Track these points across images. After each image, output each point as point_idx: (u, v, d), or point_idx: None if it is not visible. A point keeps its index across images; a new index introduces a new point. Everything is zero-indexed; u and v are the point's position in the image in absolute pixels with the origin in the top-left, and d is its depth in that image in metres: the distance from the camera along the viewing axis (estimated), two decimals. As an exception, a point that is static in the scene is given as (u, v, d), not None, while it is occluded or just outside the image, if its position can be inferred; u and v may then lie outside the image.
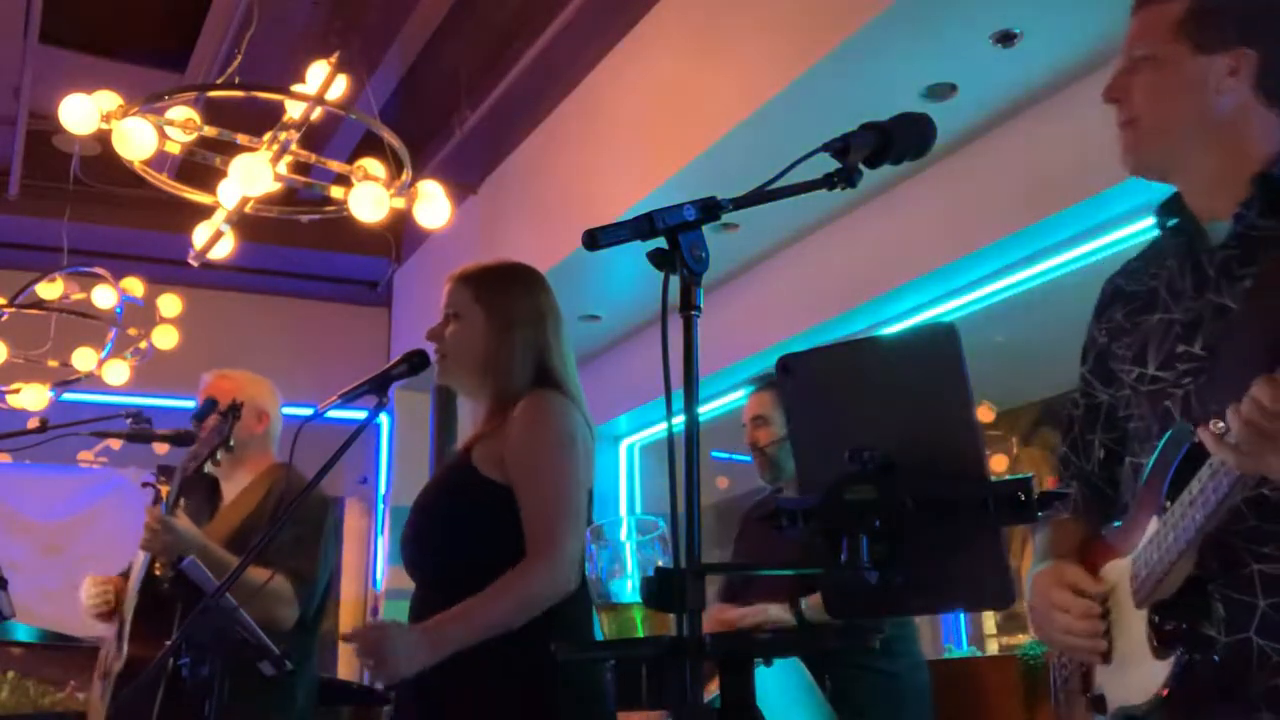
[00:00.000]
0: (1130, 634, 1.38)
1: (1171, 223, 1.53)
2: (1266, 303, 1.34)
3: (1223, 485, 1.23)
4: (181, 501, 2.71)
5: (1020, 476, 1.07)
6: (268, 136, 3.54)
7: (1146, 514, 1.38)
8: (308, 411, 2.09)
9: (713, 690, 1.15)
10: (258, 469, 3.02)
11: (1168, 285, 1.51)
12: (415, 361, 2.12)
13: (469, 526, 2.07)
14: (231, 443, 2.61)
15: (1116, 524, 1.47)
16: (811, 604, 2.92)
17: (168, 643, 2.27)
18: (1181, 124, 1.46)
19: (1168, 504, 1.33)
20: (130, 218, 6.16)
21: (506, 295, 2.20)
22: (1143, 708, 1.35)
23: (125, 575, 3.02)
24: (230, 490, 3.02)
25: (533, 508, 2.01)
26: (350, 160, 3.79)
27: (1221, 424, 1.19)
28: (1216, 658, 1.30)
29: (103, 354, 5.09)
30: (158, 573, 2.67)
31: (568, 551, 1.95)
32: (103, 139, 3.35)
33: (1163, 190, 1.57)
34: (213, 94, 3.93)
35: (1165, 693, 1.31)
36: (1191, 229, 1.49)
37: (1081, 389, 1.66)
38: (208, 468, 2.77)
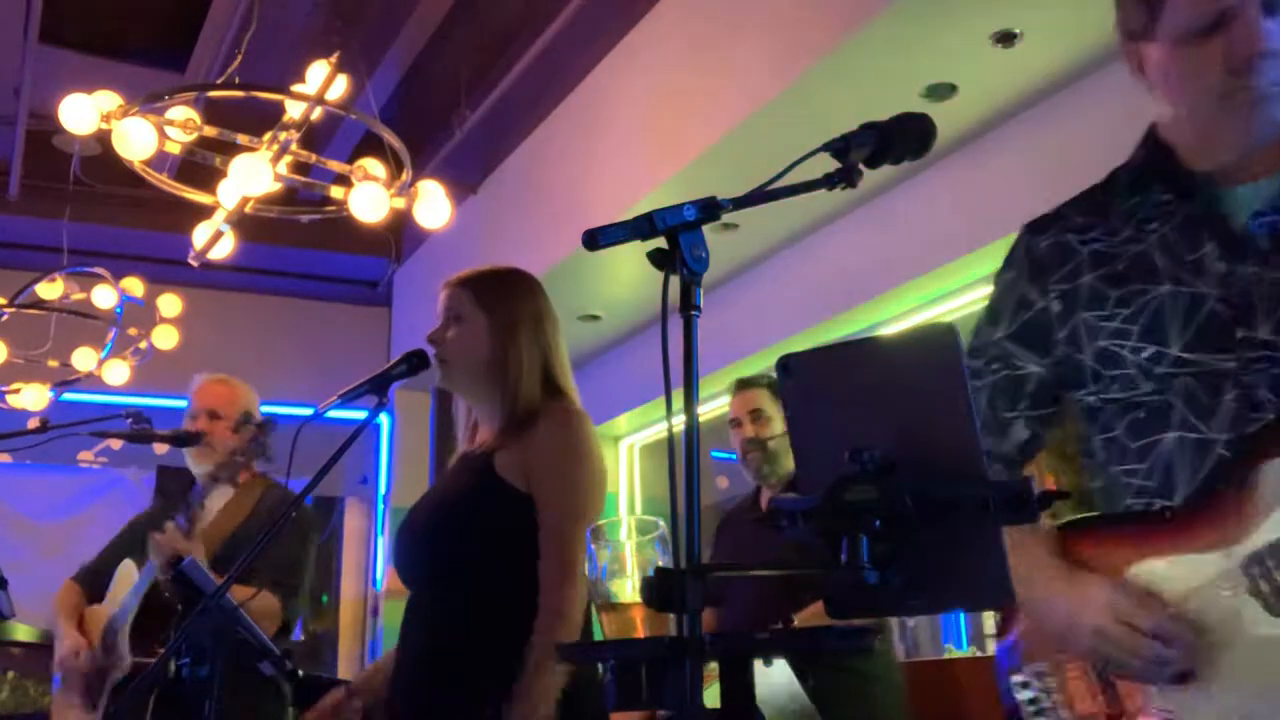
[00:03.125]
0: (1260, 652, 1.24)
1: (1149, 180, 1.42)
2: None
3: None
4: (196, 512, 2.74)
5: (1020, 476, 1.07)
6: (268, 136, 3.54)
7: (1245, 512, 1.27)
8: (308, 411, 2.09)
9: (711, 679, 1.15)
10: (244, 479, 3.03)
11: (1165, 250, 1.40)
12: (415, 361, 2.12)
13: (492, 531, 2.06)
14: (270, 454, 2.65)
15: (1132, 511, 1.34)
16: (802, 619, 2.92)
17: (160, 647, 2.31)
18: None
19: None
20: (130, 218, 6.16)
21: (509, 299, 2.21)
22: None
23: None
24: (215, 500, 3.01)
25: (556, 526, 2.01)
26: (350, 160, 3.79)
27: None
28: None
29: (103, 354, 5.09)
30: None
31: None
32: (103, 139, 3.35)
33: None
34: (213, 94, 3.93)
35: None
36: (1207, 191, 1.39)
37: (994, 356, 1.52)
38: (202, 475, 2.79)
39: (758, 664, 1.13)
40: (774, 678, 2.64)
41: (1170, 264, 1.40)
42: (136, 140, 3.28)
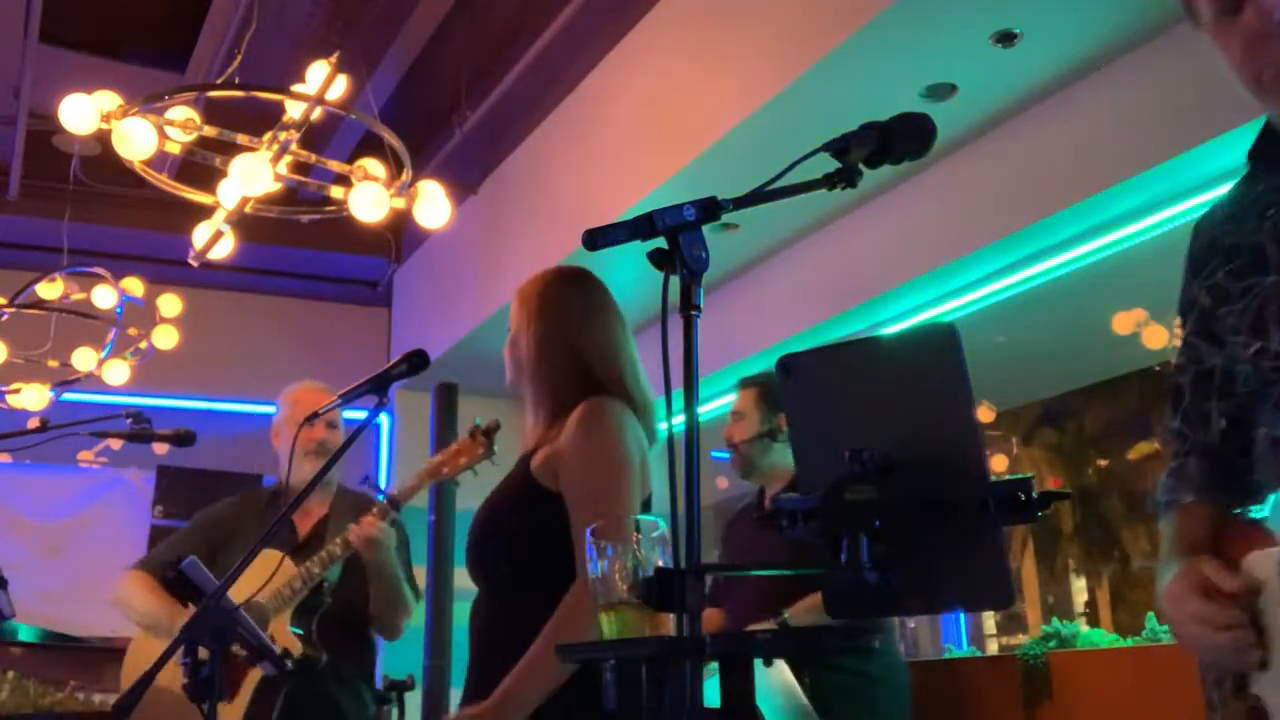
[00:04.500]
0: None
1: (1266, 160, 1.36)
2: None
3: None
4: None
5: (1020, 476, 1.07)
6: (268, 136, 3.54)
7: None
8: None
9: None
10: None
11: (1276, 239, 1.33)
12: (415, 361, 2.12)
13: (526, 536, 2.04)
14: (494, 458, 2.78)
15: (1261, 509, 1.32)
16: (794, 613, 2.92)
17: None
18: None
19: None
20: (130, 218, 6.16)
21: (540, 299, 2.18)
22: None
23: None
24: (303, 509, 3.13)
25: (581, 525, 1.99)
26: (350, 160, 3.79)
27: None
28: None
29: (103, 354, 5.09)
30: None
31: None
32: (103, 139, 3.34)
33: (1160, 189, 1.50)
34: (213, 94, 3.92)
35: None
36: None
37: (1186, 354, 1.47)
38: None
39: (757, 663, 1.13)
40: (773, 678, 2.65)
41: (1278, 253, 1.33)
42: (136, 140, 3.28)
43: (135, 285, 5.07)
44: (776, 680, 2.65)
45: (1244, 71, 1.32)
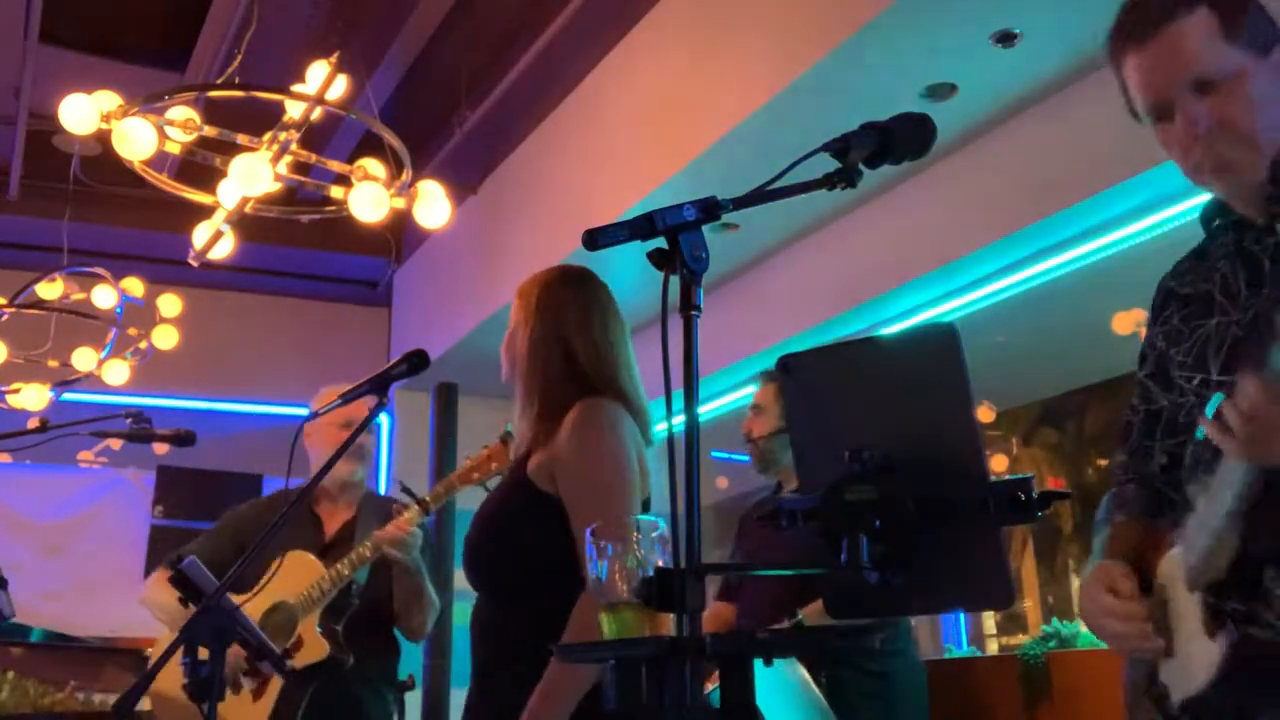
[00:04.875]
0: (1185, 622, 1.36)
1: (1218, 224, 1.50)
2: None
3: (1238, 469, 1.25)
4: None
5: (1020, 476, 1.07)
6: (268, 136, 3.54)
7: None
8: (308, 411, 2.09)
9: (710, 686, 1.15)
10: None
11: (1222, 289, 1.48)
12: (415, 361, 2.12)
13: (523, 539, 2.03)
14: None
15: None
16: (808, 613, 2.91)
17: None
18: (1262, 131, 1.41)
19: (1207, 480, 1.33)
20: (130, 218, 6.16)
21: (539, 297, 2.16)
22: (1199, 692, 1.32)
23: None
24: (330, 510, 3.16)
25: (583, 529, 1.97)
26: (350, 160, 3.79)
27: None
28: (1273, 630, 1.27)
29: (103, 354, 5.09)
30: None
31: None
32: (103, 139, 3.34)
33: (1160, 189, 1.56)
34: (213, 94, 3.92)
35: (1219, 673, 1.28)
36: (1241, 226, 1.47)
37: (1140, 394, 1.63)
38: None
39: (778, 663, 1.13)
40: (790, 677, 2.65)
41: (1223, 299, 1.48)
42: (136, 140, 3.28)
43: (135, 285, 5.07)
44: (794, 679, 2.65)
45: (1182, 167, 1.48)
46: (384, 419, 7.19)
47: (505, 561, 2.04)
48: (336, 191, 3.73)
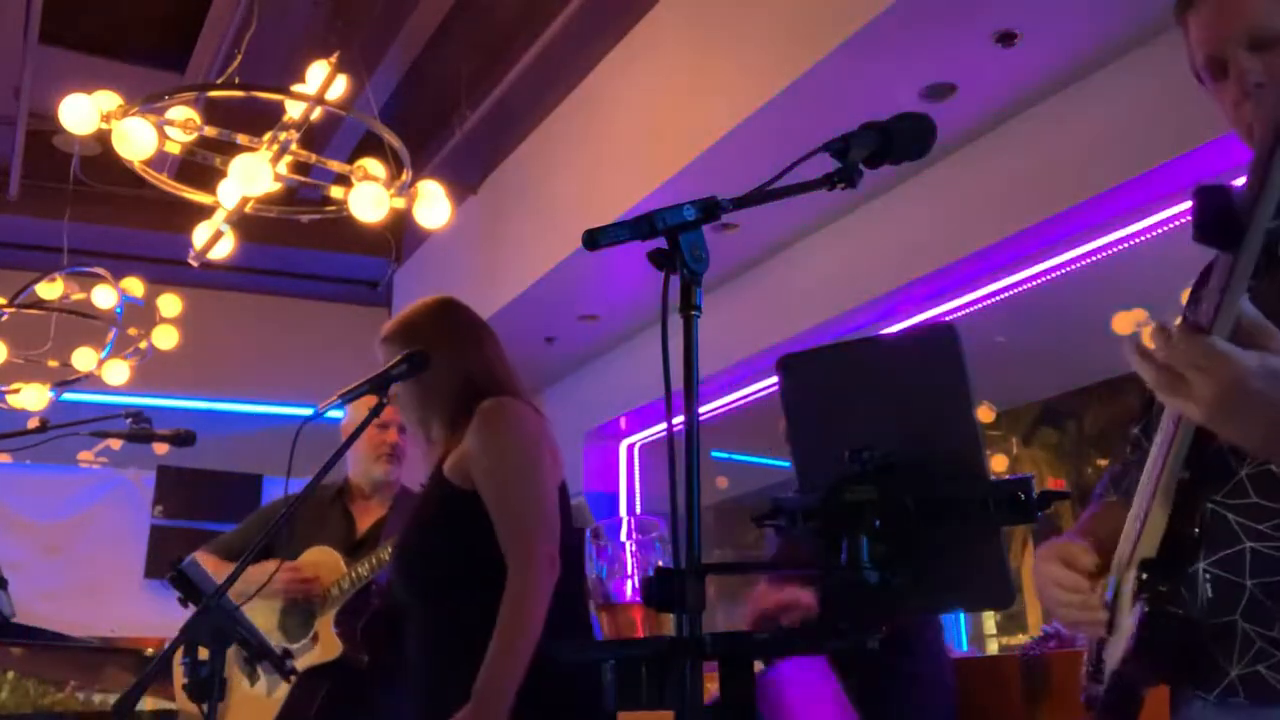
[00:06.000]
0: (1124, 599, 1.34)
1: None
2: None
3: (1169, 425, 1.22)
4: None
5: (1020, 476, 1.07)
6: (268, 136, 3.54)
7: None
8: (308, 411, 2.09)
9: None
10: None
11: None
12: (415, 361, 2.12)
13: (451, 536, 2.09)
14: None
15: None
16: None
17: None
18: None
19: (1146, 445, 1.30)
20: (130, 218, 6.16)
21: (416, 334, 2.25)
22: (1115, 666, 1.31)
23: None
24: (363, 508, 3.16)
25: (502, 516, 2.03)
26: (350, 160, 3.79)
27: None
28: (1182, 609, 1.26)
29: (103, 354, 5.09)
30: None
31: (541, 552, 1.98)
32: (103, 139, 3.34)
33: (1160, 189, 1.52)
34: (213, 94, 3.93)
35: (1130, 647, 1.26)
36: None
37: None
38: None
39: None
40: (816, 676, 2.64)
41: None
42: (136, 140, 3.28)
43: (135, 285, 5.07)
44: (820, 678, 2.65)
45: (1237, 127, 1.43)
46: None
47: (438, 559, 2.10)
48: (336, 191, 3.73)
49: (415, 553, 2.15)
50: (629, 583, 1.21)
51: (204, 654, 1.90)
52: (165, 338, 5.21)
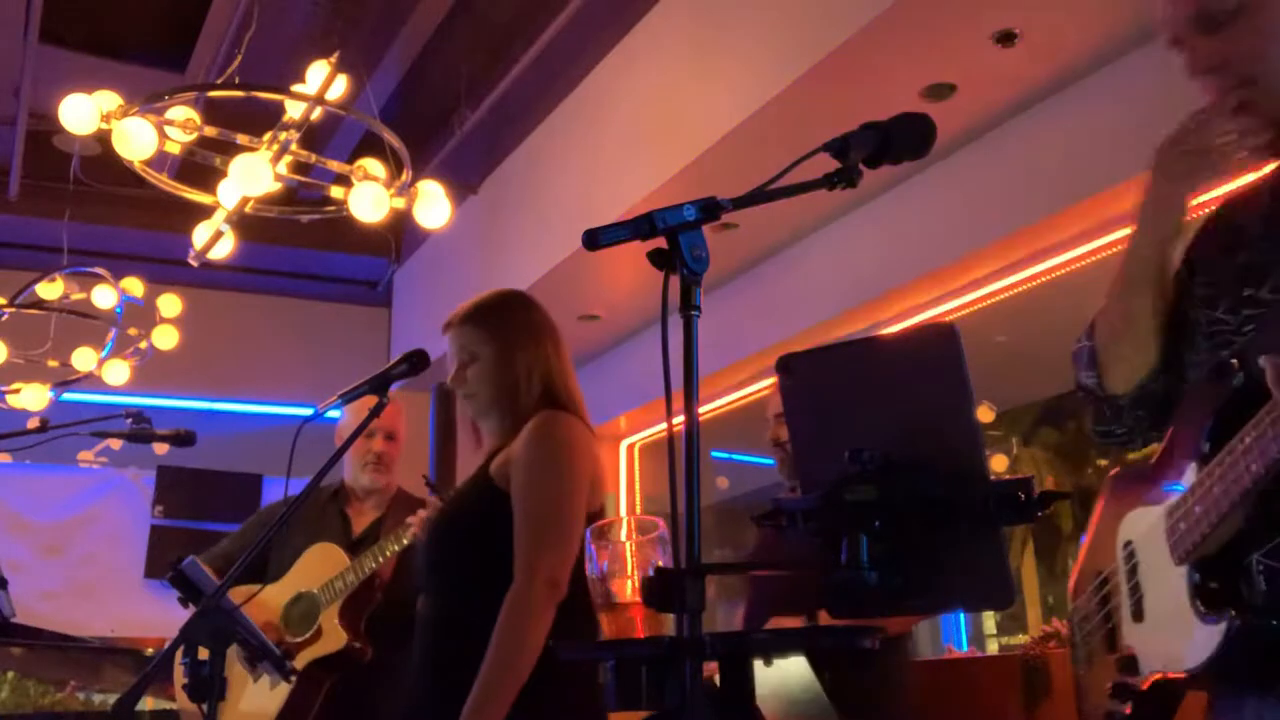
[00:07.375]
0: (1166, 592, 1.29)
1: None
2: None
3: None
4: None
5: (1020, 476, 1.07)
6: (268, 136, 3.54)
7: (1180, 461, 1.29)
8: (308, 411, 2.09)
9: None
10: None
11: (1248, 223, 1.40)
12: (415, 361, 2.13)
13: (483, 534, 2.09)
14: None
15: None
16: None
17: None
18: None
19: (1206, 448, 1.23)
20: (130, 218, 6.16)
21: (508, 323, 2.26)
22: (1189, 674, 1.26)
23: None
24: (359, 509, 3.18)
25: (520, 529, 2.04)
26: (350, 160, 3.79)
27: None
28: (1275, 621, 1.18)
29: (103, 354, 5.09)
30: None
31: (542, 574, 1.98)
32: (103, 139, 3.35)
33: None
34: (213, 94, 3.92)
35: (1218, 653, 1.21)
36: None
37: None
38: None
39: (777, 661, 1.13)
40: (789, 673, 2.64)
41: (1246, 232, 1.42)
42: (136, 140, 3.28)
43: (135, 285, 5.07)
44: (797, 676, 2.65)
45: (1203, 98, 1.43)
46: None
47: (467, 555, 2.11)
48: (336, 191, 3.73)
49: (448, 545, 2.15)
50: (629, 583, 1.21)
51: (204, 654, 1.90)
52: (165, 338, 5.21)
